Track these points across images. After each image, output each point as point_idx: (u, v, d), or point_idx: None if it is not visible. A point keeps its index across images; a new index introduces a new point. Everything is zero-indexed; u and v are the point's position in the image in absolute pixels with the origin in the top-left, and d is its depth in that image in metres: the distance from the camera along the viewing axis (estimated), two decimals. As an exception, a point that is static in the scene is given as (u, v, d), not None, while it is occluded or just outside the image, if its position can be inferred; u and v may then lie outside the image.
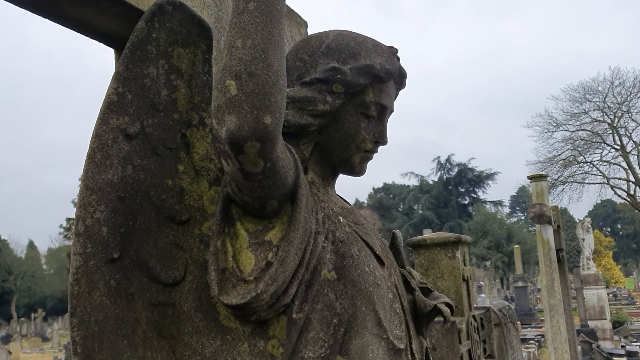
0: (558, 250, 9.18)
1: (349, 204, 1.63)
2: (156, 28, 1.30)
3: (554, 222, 9.13)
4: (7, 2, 1.46)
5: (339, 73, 1.41)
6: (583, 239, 19.38)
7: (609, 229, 77.01)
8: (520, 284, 25.12)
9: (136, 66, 1.28)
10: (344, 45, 1.45)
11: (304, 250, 1.27)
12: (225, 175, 1.25)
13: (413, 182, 62.22)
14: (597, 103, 33.00)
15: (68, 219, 46.90)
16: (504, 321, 7.23)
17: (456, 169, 58.67)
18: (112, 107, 1.25)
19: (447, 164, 59.09)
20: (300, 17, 2.28)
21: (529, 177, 9.14)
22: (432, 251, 3.66)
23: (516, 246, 29.05)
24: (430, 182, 60.18)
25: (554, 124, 33.92)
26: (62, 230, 49.98)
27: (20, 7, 1.52)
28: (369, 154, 1.53)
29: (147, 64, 1.29)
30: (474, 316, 3.76)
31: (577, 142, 33.62)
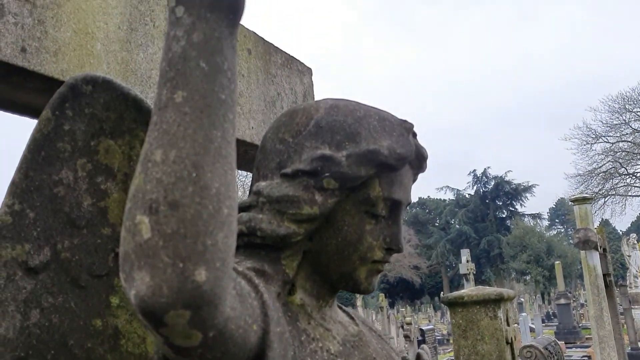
0: (605, 275, 8.60)
1: (357, 321, 1.23)
2: (69, 117, 0.92)
3: (600, 247, 8.56)
4: None
5: (332, 163, 1.01)
6: (629, 256, 18.47)
7: (654, 240, 74.26)
8: (562, 301, 24.13)
9: (41, 172, 0.91)
10: (339, 123, 1.05)
11: None
12: None
13: (449, 196, 61.44)
14: (638, 113, 32.02)
15: None
16: (550, 360, 6.73)
17: (493, 182, 57.66)
18: (5, 232, 0.88)
19: (484, 177, 58.18)
20: (302, 64, 1.89)
21: (571, 200, 8.66)
22: (470, 310, 3.22)
23: (557, 262, 28.05)
24: (467, 196, 59.24)
25: (593, 136, 33.13)
26: None
27: None
28: (378, 265, 1.11)
29: (57, 167, 0.93)
30: (519, 383, 3.31)
31: (618, 153, 32.68)
